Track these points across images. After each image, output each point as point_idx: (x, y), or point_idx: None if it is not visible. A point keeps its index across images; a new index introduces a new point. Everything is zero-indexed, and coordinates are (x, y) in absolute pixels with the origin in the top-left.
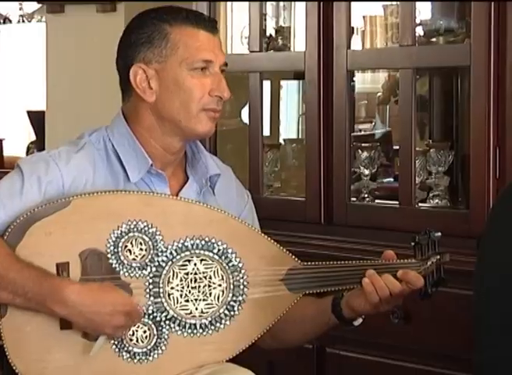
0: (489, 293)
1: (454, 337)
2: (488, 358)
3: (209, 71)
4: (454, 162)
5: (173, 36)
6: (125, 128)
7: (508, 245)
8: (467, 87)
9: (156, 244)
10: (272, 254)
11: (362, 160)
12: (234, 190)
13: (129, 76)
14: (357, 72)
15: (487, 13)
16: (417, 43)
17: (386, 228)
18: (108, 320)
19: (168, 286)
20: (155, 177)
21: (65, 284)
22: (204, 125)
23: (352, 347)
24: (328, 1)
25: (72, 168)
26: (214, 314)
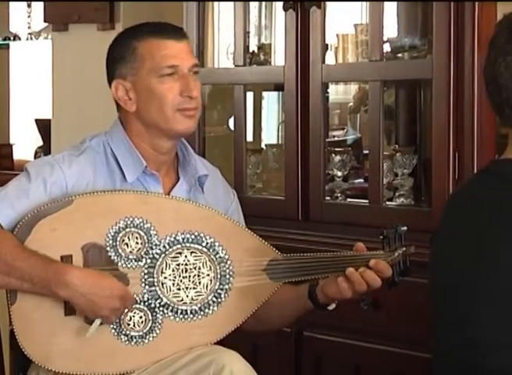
0: (446, 289)
1: (418, 323)
2: (444, 346)
3: (178, 74)
4: (418, 164)
5: (140, 50)
6: (122, 134)
7: (454, 243)
8: (429, 98)
9: (150, 238)
10: (255, 246)
11: (335, 163)
12: (221, 189)
13: (112, 90)
14: (330, 84)
15: (447, 31)
16: (385, 58)
17: (357, 224)
18: (106, 302)
19: (162, 276)
20: (150, 177)
21: (68, 269)
22: (182, 123)
23: (327, 331)
24: (305, 21)
25: (75, 170)
26: (203, 301)
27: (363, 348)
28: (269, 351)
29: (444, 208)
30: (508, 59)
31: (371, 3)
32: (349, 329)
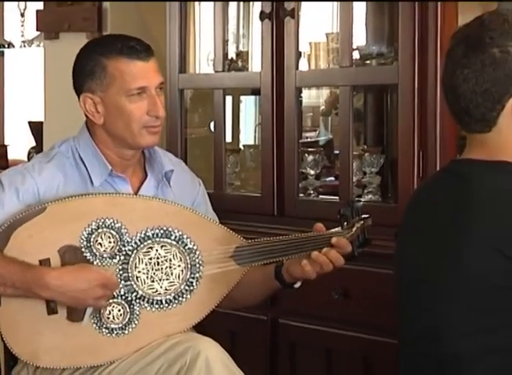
0: (410, 283)
1: (384, 311)
2: (408, 335)
3: (146, 94)
4: (385, 164)
5: (110, 69)
6: (88, 139)
7: (418, 239)
8: (396, 102)
9: (122, 236)
10: (221, 235)
11: (308, 162)
12: (187, 180)
13: (80, 102)
14: (304, 89)
15: (411, 40)
16: (354, 65)
17: (329, 219)
18: (88, 294)
19: (136, 270)
20: (117, 179)
21: (45, 271)
22: (147, 139)
23: (301, 318)
24: (280, 30)
25: (45, 176)
26: (176, 290)
27: (334, 334)
28: (246, 338)
29: (407, 204)
30: (465, 72)
31: (341, 14)
32: (321, 317)
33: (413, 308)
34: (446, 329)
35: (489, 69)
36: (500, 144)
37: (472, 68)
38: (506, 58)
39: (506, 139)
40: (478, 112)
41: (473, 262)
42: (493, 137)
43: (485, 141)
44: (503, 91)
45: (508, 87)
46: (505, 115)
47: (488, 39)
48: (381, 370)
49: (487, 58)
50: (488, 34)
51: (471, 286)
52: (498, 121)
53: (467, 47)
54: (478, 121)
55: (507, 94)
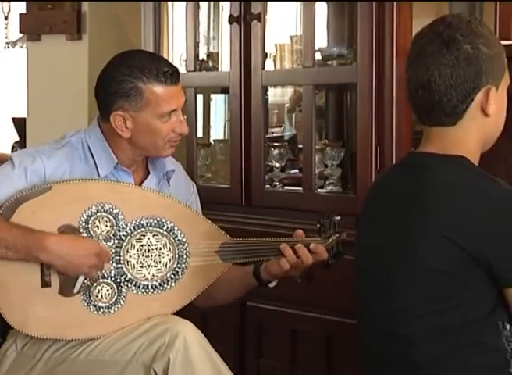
0: (369, 270)
1: (345, 294)
2: (367, 317)
3: (174, 114)
4: (345, 157)
5: (146, 94)
6: (99, 134)
7: (376, 230)
8: (355, 100)
9: (118, 222)
10: (209, 231)
11: (274, 156)
12: (183, 182)
13: (110, 118)
14: (269, 87)
15: (369, 42)
16: (317, 65)
17: (293, 208)
18: (84, 261)
19: (127, 255)
20: (122, 172)
21: (46, 236)
22: (168, 152)
23: (268, 301)
24: (248, 33)
25: (53, 161)
26: (162, 277)
27: (298, 315)
28: (216, 320)
29: (366, 195)
30: (440, 67)
31: (304, 17)
32: (286, 299)
33: (371, 293)
34: (400, 312)
35: (463, 64)
36: (458, 138)
37: (447, 64)
38: (477, 55)
39: (466, 133)
40: (450, 106)
41: (427, 251)
42: (455, 131)
43: (443, 135)
44: (473, 85)
45: (478, 81)
46: (472, 107)
47: (460, 37)
48: (342, 349)
49: (461, 54)
50: (459, 33)
51: (424, 274)
52: (465, 114)
53: (441, 44)
54: (447, 114)
55: (477, 88)
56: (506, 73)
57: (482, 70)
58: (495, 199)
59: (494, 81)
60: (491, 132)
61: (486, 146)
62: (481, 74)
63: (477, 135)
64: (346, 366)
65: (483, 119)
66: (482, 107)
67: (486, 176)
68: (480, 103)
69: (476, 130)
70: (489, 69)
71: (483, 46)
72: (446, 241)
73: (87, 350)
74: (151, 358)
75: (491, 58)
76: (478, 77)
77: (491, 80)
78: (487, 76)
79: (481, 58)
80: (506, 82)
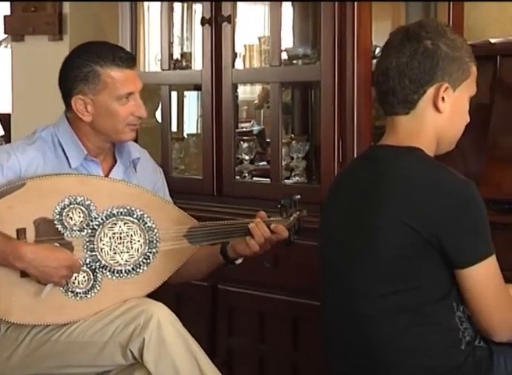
0: (332, 255)
1: (309, 277)
2: (329, 296)
3: (132, 97)
4: (309, 150)
5: (104, 77)
6: (67, 127)
7: (339, 217)
8: (319, 96)
9: (90, 212)
10: (177, 217)
11: (243, 149)
12: (150, 167)
13: (71, 103)
14: (239, 85)
15: (332, 43)
16: (283, 64)
17: (261, 198)
18: (55, 272)
19: (101, 243)
20: (91, 163)
21: (23, 245)
22: (128, 135)
23: (237, 284)
24: (219, 34)
25: (27, 156)
26: (135, 262)
27: (266, 298)
28: (190, 302)
29: (330, 186)
30: (399, 56)
31: (271, 20)
32: (255, 283)
33: (333, 277)
34: (360, 293)
35: (420, 57)
36: (413, 128)
37: (405, 54)
38: (435, 51)
39: (419, 124)
40: (403, 93)
41: (385, 236)
42: (409, 121)
43: (400, 125)
44: (427, 79)
45: (432, 75)
46: (425, 100)
47: (424, 33)
48: (308, 329)
49: (420, 47)
50: (424, 30)
51: (383, 256)
52: (417, 105)
53: (404, 37)
54: (400, 102)
55: (430, 82)
56: (470, 80)
57: (438, 66)
58: (448, 187)
59: (450, 80)
60: (446, 131)
61: (444, 146)
62: (437, 70)
63: (431, 129)
64: (311, 344)
65: (436, 114)
66: (435, 101)
67: (439, 165)
68: (432, 97)
69: (429, 123)
70: (446, 67)
71: (444, 45)
72: (403, 226)
73: (66, 332)
74: (127, 339)
75: (450, 59)
76: (433, 72)
77: (446, 78)
78: (442, 73)
79: (439, 55)
80: (470, 89)
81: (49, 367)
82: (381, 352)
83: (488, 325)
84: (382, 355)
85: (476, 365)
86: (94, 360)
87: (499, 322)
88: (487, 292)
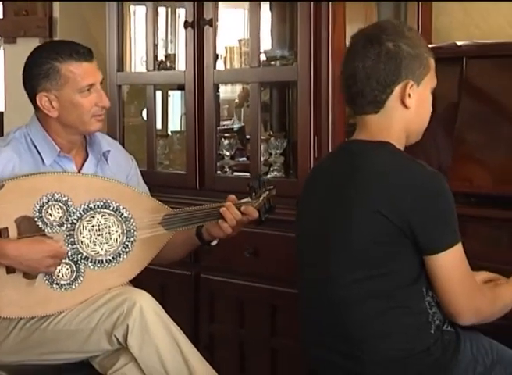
0: (310, 244)
1: (287, 266)
2: (306, 283)
3: (93, 89)
4: (287, 146)
5: (63, 71)
6: (38, 126)
7: (316, 208)
8: (296, 96)
9: (68, 208)
10: (152, 206)
11: (224, 145)
12: (122, 157)
13: (37, 101)
14: (220, 85)
15: (308, 45)
16: (262, 65)
17: (241, 192)
18: (40, 263)
19: (81, 236)
20: (64, 159)
21: (6, 243)
22: (95, 126)
23: (219, 273)
24: (201, 37)
25: (2, 158)
26: (114, 252)
27: (245, 286)
28: (174, 291)
29: (306, 179)
30: (364, 60)
31: (250, 23)
32: (235, 272)
33: (311, 264)
34: (337, 279)
35: (384, 59)
36: (383, 125)
37: (370, 58)
38: (397, 52)
39: (389, 121)
40: (371, 94)
41: (360, 225)
42: (379, 119)
43: (370, 123)
44: (393, 79)
45: (397, 75)
46: (392, 99)
47: (384, 36)
48: (285, 316)
49: (383, 50)
50: (384, 33)
51: (358, 245)
52: (386, 104)
53: (366, 41)
54: (369, 102)
55: (396, 82)
56: (430, 74)
57: (402, 66)
58: (419, 179)
59: (414, 77)
60: (414, 123)
61: (413, 137)
62: (401, 69)
63: (399, 124)
64: (288, 330)
65: (403, 110)
66: (402, 99)
67: (410, 158)
68: (399, 95)
69: (398, 119)
70: (409, 65)
71: (405, 45)
72: (377, 215)
73: (54, 321)
74: (112, 326)
75: (412, 57)
76: (398, 71)
77: (410, 76)
78: (406, 72)
79: (402, 55)
80: (431, 82)
81: (38, 354)
82: (355, 336)
83: (454, 309)
84: (356, 339)
85: (444, 348)
86: (82, 346)
87: (465, 307)
88: (453, 278)
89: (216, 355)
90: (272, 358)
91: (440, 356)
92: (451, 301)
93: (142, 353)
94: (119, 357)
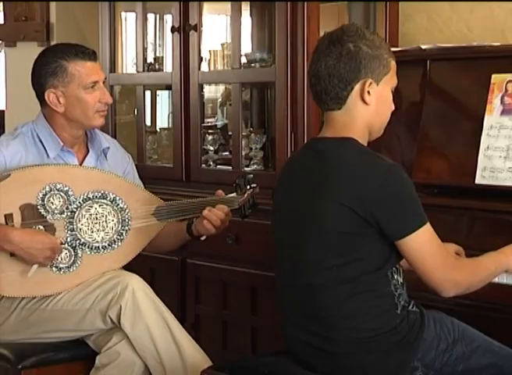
0: (285, 232)
1: (266, 252)
2: (283, 269)
3: (97, 86)
4: (266, 142)
5: (70, 69)
6: (44, 122)
7: (289, 198)
8: (274, 95)
9: (69, 197)
10: (145, 198)
11: (209, 141)
12: (119, 155)
13: (45, 97)
14: (205, 85)
15: (285, 49)
16: (243, 67)
17: (224, 183)
18: (39, 253)
19: (79, 223)
20: (67, 153)
21: (10, 230)
22: (98, 121)
23: (204, 258)
24: (186, 41)
25: (10, 150)
26: (110, 239)
27: (229, 270)
28: (163, 275)
29: (280, 173)
30: (327, 60)
31: (232, 28)
32: (219, 257)
33: (286, 251)
34: (309, 266)
35: (345, 58)
36: (346, 121)
37: (332, 57)
38: (357, 52)
39: (351, 117)
40: (334, 91)
41: (329, 217)
42: (342, 115)
43: (335, 119)
44: (353, 77)
45: (357, 74)
46: (353, 96)
47: (346, 37)
48: (264, 297)
49: (344, 50)
50: (346, 34)
51: (328, 234)
52: (347, 101)
53: (329, 42)
54: (332, 99)
55: (356, 80)
56: (390, 74)
57: (362, 65)
58: (377, 171)
59: (373, 76)
60: (374, 120)
61: (375, 133)
62: (361, 68)
63: (361, 120)
64: (267, 310)
65: (364, 107)
66: (362, 96)
67: (371, 153)
68: (359, 92)
69: (360, 116)
70: (368, 65)
71: (365, 46)
72: (343, 207)
73: (53, 302)
74: (106, 307)
75: (371, 57)
76: (357, 70)
77: (370, 75)
78: (366, 71)
79: (362, 55)
80: (391, 81)
81: (38, 332)
82: (327, 317)
83: (433, 284)
84: (327, 320)
85: (410, 326)
86: (78, 325)
87: (442, 280)
88: (426, 256)
89: (201, 333)
90: (252, 336)
91: (406, 335)
92: (428, 277)
93: (134, 331)
94: (112, 335)
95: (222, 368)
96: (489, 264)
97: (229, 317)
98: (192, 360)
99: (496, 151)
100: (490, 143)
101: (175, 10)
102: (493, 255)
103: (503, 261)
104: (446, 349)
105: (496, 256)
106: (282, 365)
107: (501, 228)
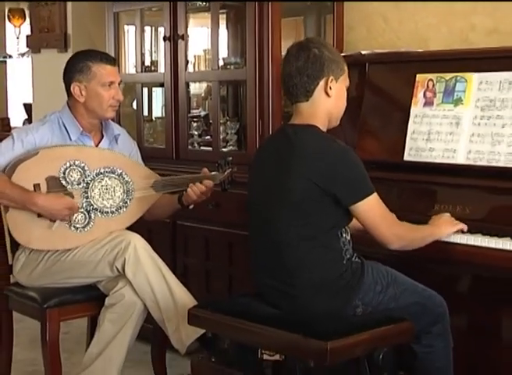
0: (259, 206)
1: (242, 215)
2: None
3: (113, 86)
4: (239, 128)
5: (94, 69)
6: (68, 112)
7: (262, 175)
8: (245, 91)
9: (85, 171)
10: (146, 174)
11: (194, 127)
12: (127, 141)
13: (71, 89)
14: (191, 83)
15: (254, 54)
16: (220, 68)
17: (206, 161)
18: (60, 213)
19: (93, 192)
20: (85, 137)
21: (36, 195)
22: (110, 113)
23: (191, 220)
24: (176, 47)
25: (40, 133)
26: (117, 205)
27: (210, 230)
28: (158, 234)
29: (255, 153)
30: (297, 62)
31: (211, 38)
32: (202, 219)
33: (258, 215)
34: (278, 225)
35: (312, 60)
36: (312, 111)
37: (301, 60)
38: (321, 56)
39: (315, 108)
40: (303, 86)
41: (295, 187)
42: (309, 106)
43: (302, 110)
44: (318, 74)
45: (321, 72)
46: (318, 89)
47: (311, 44)
48: (239, 251)
49: (311, 54)
50: (311, 42)
51: (293, 200)
52: (314, 93)
53: (299, 49)
54: (302, 93)
55: (321, 76)
56: (345, 75)
57: (325, 66)
58: (335, 152)
59: (334, 75)
60: (333, 111)
61: (333, 122)
62: (324, 68)
63: (324, 111)
64: (242, 261)
65: (326, 99)
66: (325, 89)
67: (330, 137)
68: (323, 86)
69: (322, 106)
70: (330, 66)
71: (327, 51)
72: (308, 181)
73: (71, 254)
74: (113, 258)
75: (331, 60)
76: (321, 69)
77: (331, 73)
78: (328, 70)
79: (324, 58)
80: (345, 81)
81: (59, 279)
82: (290, 267)
83: (381, 239)
84: (290, 269)
85: (353, 273)
86: (91, 273)
87: (387, 234)
88: (375, 217)
89: (189, 280)
90: (229, 282)
91: (350, 280)
92: (376, 233)
93: (135, 278)
94: (118, 281)
95: (206, 306)
96: (426, 228)
97: (211, 267)
98: (182, 301)
99: (420, 135)
100: (415, 128)
101: (166, 23)
102: (428, 225)
103: (435, 230)
104: (381, 291)
105: (431, 225)
106: (252, 304)
107: (423, 195)
